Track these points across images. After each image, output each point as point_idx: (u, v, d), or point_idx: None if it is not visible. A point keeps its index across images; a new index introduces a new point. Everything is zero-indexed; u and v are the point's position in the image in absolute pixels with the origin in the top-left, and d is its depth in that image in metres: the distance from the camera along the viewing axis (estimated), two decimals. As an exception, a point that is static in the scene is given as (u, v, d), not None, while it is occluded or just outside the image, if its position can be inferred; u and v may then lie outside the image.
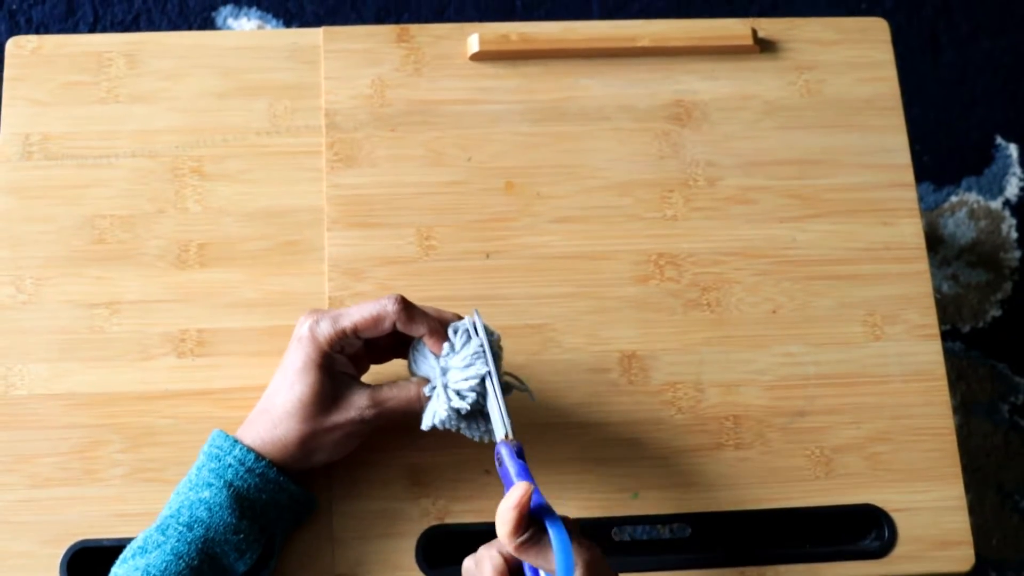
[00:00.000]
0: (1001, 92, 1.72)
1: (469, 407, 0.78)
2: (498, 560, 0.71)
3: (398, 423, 0.83)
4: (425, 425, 0.80)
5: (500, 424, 0.75)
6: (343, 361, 0.81)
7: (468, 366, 0.78)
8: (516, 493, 0.66)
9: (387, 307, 0.79)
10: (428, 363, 0.81)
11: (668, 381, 0.92)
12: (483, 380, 0.78)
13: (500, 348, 0.81)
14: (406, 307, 0.79)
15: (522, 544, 0.67)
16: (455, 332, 0.80)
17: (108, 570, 0.76)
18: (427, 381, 0.81)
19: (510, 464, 0.71)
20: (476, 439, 0.81)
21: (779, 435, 0.91)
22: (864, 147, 0.99)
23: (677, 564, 0.89)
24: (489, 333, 0.80)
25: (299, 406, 0.79)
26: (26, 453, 0.87)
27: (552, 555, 0.66)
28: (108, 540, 0.85)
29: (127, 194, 0.93)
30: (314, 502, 0.84)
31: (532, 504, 0.67)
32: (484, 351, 0.78)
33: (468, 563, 0.75)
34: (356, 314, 0.79)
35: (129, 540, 0.79)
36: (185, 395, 0.89)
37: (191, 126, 0.96)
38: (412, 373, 0.83)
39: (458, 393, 0.78)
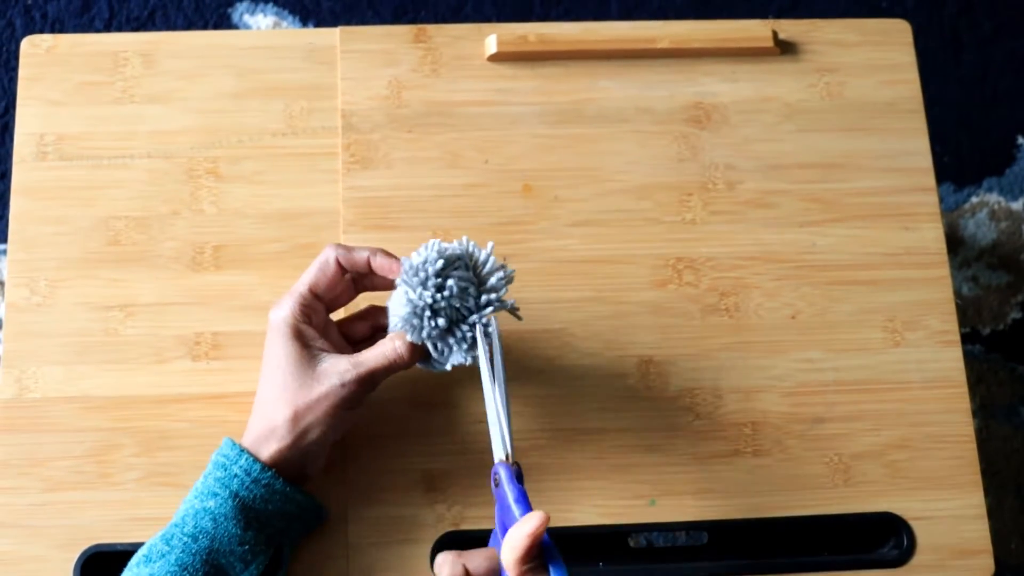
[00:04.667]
0: (1023, 92, 1.70)
1: (436, 283, 0.76)
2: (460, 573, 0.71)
3: (379, 383, 0.81)
4: (398, 324, 0.78)
5: (500, 444, 0.73)
6: (313, 334, 0.80)
7: (426, 258, 0.77)
8: (533, 523, 0.65)
9: (325, 251, 0.81)
10: (394, 297, 0.79)
11: (686, 387, 0.91)
12: (454, 263, 0.77)
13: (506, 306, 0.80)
14: (341, 244, 0.81)
15: (524, 573, 0.66)
16: (427, 245, 0.79)
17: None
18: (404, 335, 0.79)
19: (508, 489, 0.70)
20: (461, 360, 0.78)
21: (797, 442, 0.90)
22: (885, 150, 0.98)
23: (694, 571, 0.88)
24: (482, 276, 0.79)
25: (281, 387, 0.79)
26: (40, 456, 0.86)
27: None
28: (122, 544, 0.84)
29: (142, 195, 0.93)
30: (324, 511, 0.84)
31: None
32: (444, 252, 0.78)
33: (441, 559, 0.73)
34: (304, 276, 0.81)
35: (143, 545, 0.79)
36: (200, 399, 0.88)
37: (207, 127, 0.95)
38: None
39: (422, 285, 0.76)
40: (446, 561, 0.71)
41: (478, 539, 0.86)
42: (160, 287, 0.91)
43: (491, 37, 0.98)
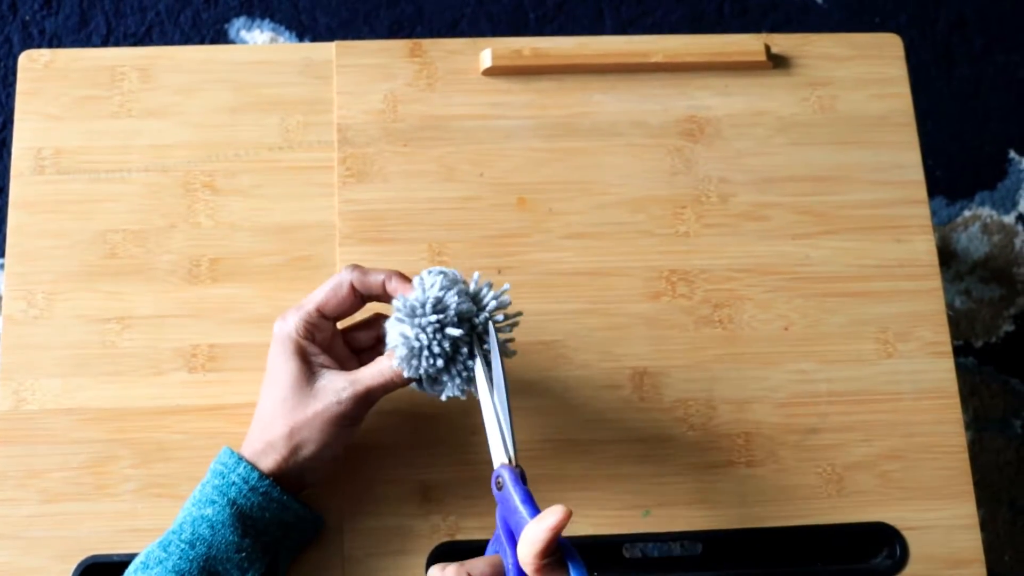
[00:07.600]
0: (1015, 107, 1.71)
1: (435, 326, 0.74)
2: None
3: (377, 400, 0.81)
4: (396, 363, 0.77)
5: (501, 447, 0.73)
6: (315, 350, 0.81)
7: (424, 300, 0.75)
8: (555, 517, 0.65)
9: (340, 273, 0.81)
10: (396, 315, 0.77)
11: (680, 398, 0.91)
12: (453, 303, 0.75)
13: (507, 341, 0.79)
14: (359, 266, 0.81)
15: (542, 568, 0.66)
16: (429, 272, 0.78)
17: (119, 586, 0.77)
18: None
19: (514, 490, 0.70)
20: (455, 393, 0.77)
21: (791, 453, 0.91)
22: (877, 164, 0.99)
23: (688, 582, 0.89)
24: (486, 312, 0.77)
25: (280, 402, 0.79)
26: (37, 468, 0.87)
27: None
28: (119, 555, 0.85)
29: (139, 209, 0.93)
30: (320, 521, 0.84)
31: None
32: (461, 286, 0.76)
33: (440, 572, 0.72)
34: (315, 294, 0.81)
35: (140, 553, 0.79)
36: (196, 410, 0.89)
37: (203, 141, 0.96)
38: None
39: (420, 327, 0.74)
40: (448, 573, 0.71)
41: (474, 549, 0.86)
42: (157, 300, 0.91)
43: (486, 52, 0.98)
